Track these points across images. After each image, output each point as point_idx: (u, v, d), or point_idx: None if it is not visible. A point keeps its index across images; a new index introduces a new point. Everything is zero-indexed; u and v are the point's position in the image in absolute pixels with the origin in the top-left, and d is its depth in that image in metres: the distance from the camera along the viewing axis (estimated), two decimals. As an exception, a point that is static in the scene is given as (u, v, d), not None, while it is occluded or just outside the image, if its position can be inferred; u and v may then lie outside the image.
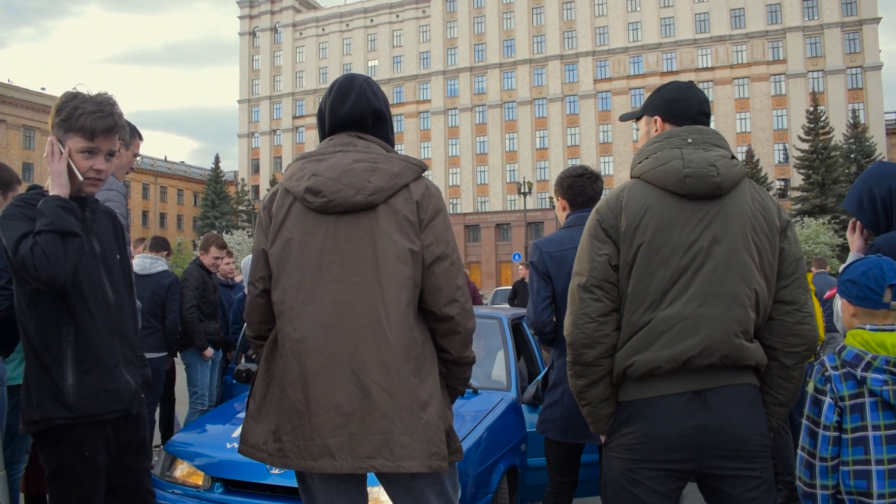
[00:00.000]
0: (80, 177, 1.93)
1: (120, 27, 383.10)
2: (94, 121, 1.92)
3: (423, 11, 63.10)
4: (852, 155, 41.91)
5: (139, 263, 4.76)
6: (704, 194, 1.71)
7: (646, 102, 1.98)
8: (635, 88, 55.13)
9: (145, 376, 2.06)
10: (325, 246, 1.72)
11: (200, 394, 5.19)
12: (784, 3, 52.64)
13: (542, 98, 58.87)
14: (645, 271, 1.71)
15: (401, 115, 62.25)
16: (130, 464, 2.01)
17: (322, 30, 67.08)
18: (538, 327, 2.80)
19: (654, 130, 1.91)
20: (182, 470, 2.94)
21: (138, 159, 3.26)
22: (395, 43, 64.55)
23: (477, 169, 60.38)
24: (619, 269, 1.74)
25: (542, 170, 56.91)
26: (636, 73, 56.37)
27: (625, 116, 2.18)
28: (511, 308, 7.06)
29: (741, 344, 1.68)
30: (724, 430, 1.66)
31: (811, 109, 42.91)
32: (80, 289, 1.90)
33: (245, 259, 5.51)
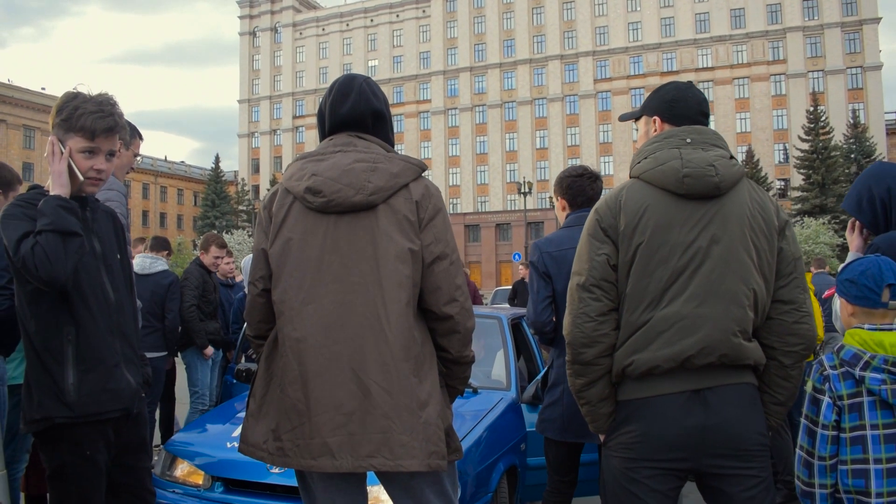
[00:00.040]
0: (81, 177, 1.94)
1: (120, 27, 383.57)
2: (95, 121, 1.92)
3: (424, 11, 63.12)
4: (852, 155, 41.91)
5: (139, 263, 4.77)
6: (703, 194, 1.72)
7: (645, 103, 1.99)
8: (635, 88, 55.14)
9: (146, 376, 2.07)
10: (325, 245, 1.73)
11: (201, 393, 5.19)
12: (784, 3, 52.66)
13: (543, 98, 58.88)
14: (644, 271, 1.71)
15: (401, 115, 62.27)
16: (131, 463, 2.02)
17: (322, 30, 67.10)
18: (538, 327, 2.80)
19: (654, 130, 1.92)
20: (182, 469, 2.95)
21: (138, 159, 3.26)
22: (396, 43, 64.57)
23: (477, 169, 60.39)
24: (618, 269, 1.75)
25: (543, 170, 56.93)
26: (636, 73, 56.38)
27: (624, 117, 2.19)
28: (511, 308, 7.06)
29: (740, 343, 1.68)
30: (723, 430, 1.67)
31: (811, 109, 42.92)
32: (81, 288, 1.90)
33: (245, 259, 5.52)
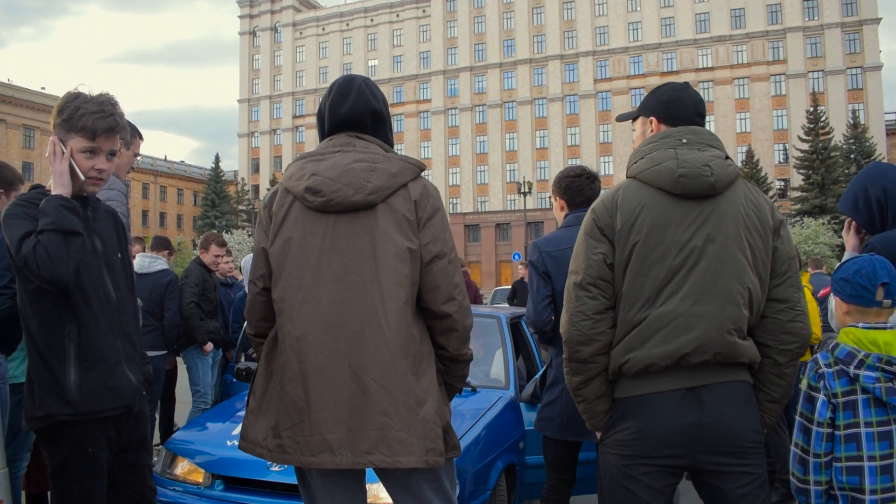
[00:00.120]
0: (82, 176, 1.96)
1: (120, 27, 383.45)
2: (96, 121, 1.94)
3: (424, 11, 63.12)
4: (852, 155, 41.92)
5: (138, 262, 4.79)
6: (699, 194, 1.73)
7: (642, 103, 2.01)
8: (635, 88, 55.13)
9: (147, 374, 2.08)
10: (325, 245, 1.74)
11: (203, 392, 5.21)
12: (784, 4, 52.65)
13: (543, 98, 58.88)
14: (640, 269, 1.73)
15: (401, 115, 62.27)
16: (132, 460, 2.03)
17: (322, 29, 67.10)
18: (538, 326, 2.82)
19: (650, 131, 1.93)
20: (183, 467, 2.96)
21: (138, 159, 3.28)
22: (396, 42, 64.57)
23: (477, 169, 60.40)
24: (615, 268, 1.76)
25: (542, 169, 56.92)
26: (636, 73, 56.38)
27: (621, 117, 2.20)
28: (510, 307, 7.08)
29: (735, 341, 1.70)
30: (718, 427, 1.68)
31: (811, 110, 42.91)
32: (83, 287, 1.92)
33: (245, 258, 5.54)
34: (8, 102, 50.02)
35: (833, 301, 1.97)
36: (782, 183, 49.87)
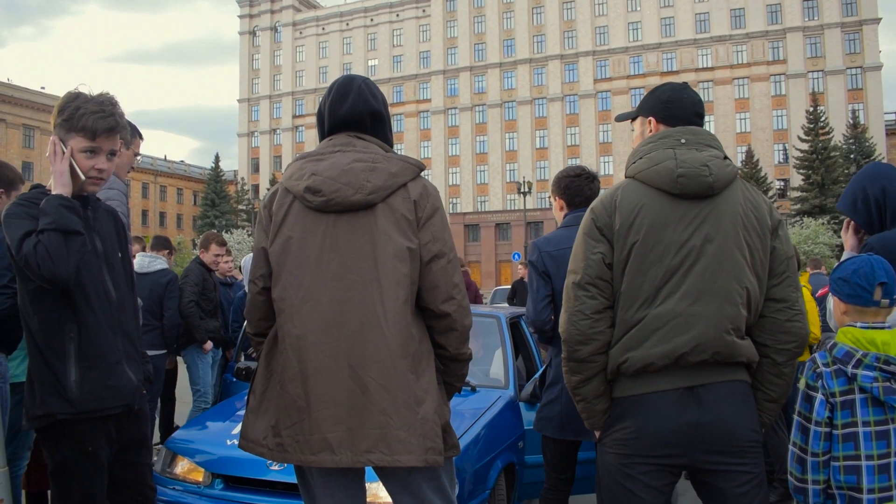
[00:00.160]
0: (82, 176, 1.96)
1: (120, 26, 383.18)
2: (96, 121, 1.94)
3: (424, 11, 63.12)
4: (852, 155, 41.93)
5: (138, 262, 4.80)
6: (697, 194, 1.74)
7: (640, 103, 2.01)
8: (635, 88, 55.14)
9: (147, 373, 2.09)
10: (325, 244, 1.75)
11: (203, 392, 5.21)
12: (784, 4, 52.66)
13: (542, 98, 58.89)
14: (638, 269, 1.73)
15: (401, 115, 62.28)
16: (132, 459, 2.04)
17: (322, 29, 67.10)
18: (538, 326, 2.82)
19: (649, 131, 1.94)
20: (182, 466, 2.97)
21: (138, 158, 3.28)
22: (395, 42, 64.57)
23: (477, 168, 60.40)
24: (613, 267, 1.77)
25: (542, 169, 56.94)
26: (636, 73, 56.39)
27: (620, 117, 2.21)
28: (510, 307, 7.08)
29: (733, 341, 1.71)
30: (716, 426, 1.69)
31: (811, 110, 42.94)
32: (83, 286, 1.93)
33: (245, 258, 5.54)
34: (7, 102, 50.02)
35: (831, 301, 1.98)
36: (782, 183, 49.88)
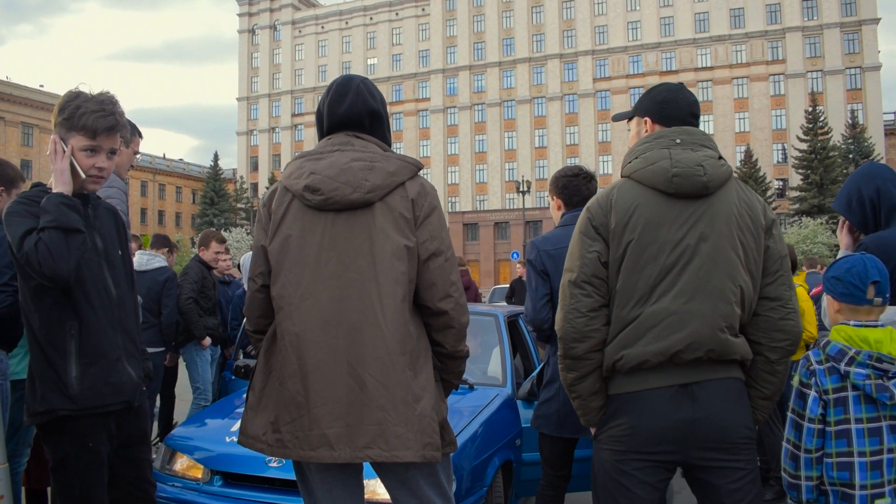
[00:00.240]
0: (83, 174, 1.98)
1: (119, 24, 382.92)
2: (96, 120, 1.96)
3: (423, 10, 63.10)
4: (850, 155, 41.96)
5: (137, 260, 4.81)
6: (692, 193, 1.76)
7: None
8: (634, 88, 55.14)
9: (147, 369, 2.11)
10: (323, 242, 1.77)
11: (203, 389, 5.22)
12: (783, 4, 52.69)
13: (542, 97, 58.91)
14: (634, 268, 1.75)
15: (400, 114, 62.27)
16: (132, 455, 2.06)
17: (321, 28, 67.06)
18: (537, 324, 2.83)
19: (645, 131, 1.96)
20: (182, 463, 2.98)
21: (138, 157, 3.30)
22: (395, 41, 64.55)
23: (476, 167, 60.42)
24: (609, 266, 1.79)
25: (541, 168, 56.97)
26: (635, 73, 56.41)
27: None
28: (508, 305, 7.09)
29: (727, 339, 1.72)
30: (710, 423, 1.71)
31: (810, 109, 43.00)
32: (83, 284, 1.94)
33: (244, 256, 5.56)
34: (6, 100, 49.95)
35: (825, 299, 2.00)
36: (781, 182, 49.94)
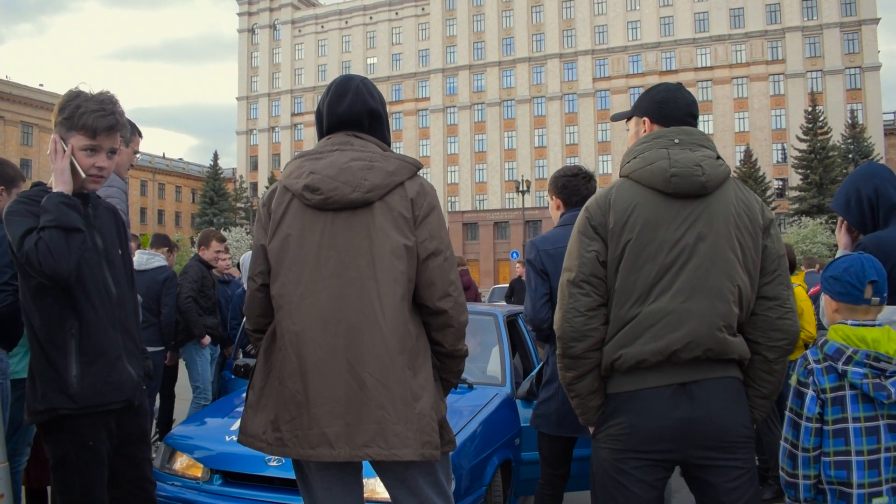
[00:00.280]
0: (83, 174, 1.98)
1: (119, 23, 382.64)
2: (96, 119, 1.96)
3: (423, 9, 63.08)
4: (850, 155, 41.98)
5: (136, 259, 4.81)
6: (690, 193, 1.76)
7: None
8: (634, 87, 55.14)
9: (147, 368, 2.11)
10: (323, 241, 1.77)
11: (203, 388, 5.22)
12: (783, 3, 52.69)
13: (541, 96, 58.90)
14: (632, 267, 1.76)
15: (399, 113, 62.26)
16: (132, 453, 2.06)
17: (321, 27, 67.03)
18: (536, 324, 2.84)
19: (643, 131, 1.96)
20: (181, 462, 2.99)
21: (137, 156, 3.30)
22: (395, 41, 64.52)
23: (475, 167, 60.42)
24: (608, 265, 1.79)
25: (541, 168, 56.96)
26: (635, 72, 56.41)
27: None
28: (507, 305, 7.10)
29: (725, 338, 1.73)
30: (708, 422, 1.71)
31: (810, 109, 43.02)
32: (84, 283, 1.95)
33: (244, 255, 5.56)
34: (6, 99, 49.92)
35: (823, 299, 2.00)
36: (780, 182, 49.95)
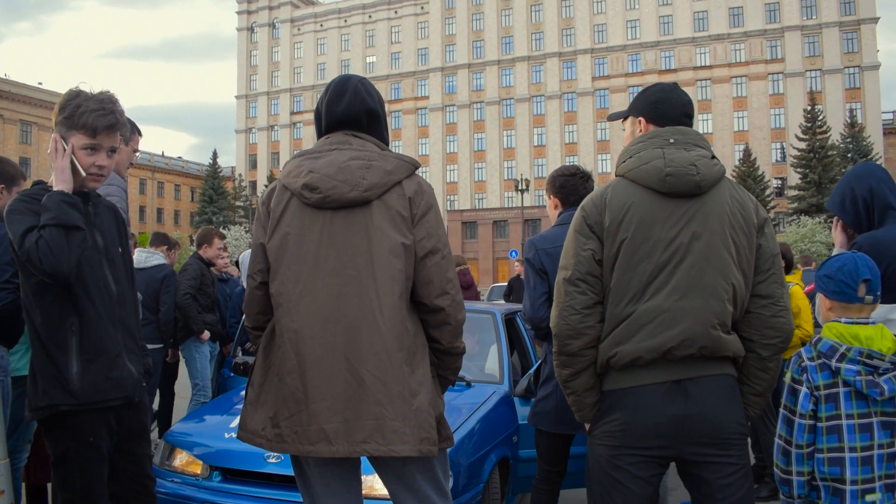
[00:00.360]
0: (83, 172, 2.00)
1: (118, 22, 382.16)
2: (96, 118, 1.98)
3: (422, 8, 63.05)
4: (849, 154, 42.02)
5: (135, 258, 4.82)
6: (685, 192, 1.78)
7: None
8: (633, 86, 55.09)
9: (146, 365, 2.13)
10: (322, 240, 1.79)
11: (202, 385, 5.23)
12: (782, 2, 52.70)
13: (541, 95, 58.90)
14: (627, 265, 1.77)
15: (399, 112, 62.25)
16: (132, 449, 2.08)
17: (320, 26, 66.97)
18: (535, 323, 2.85)
19: (639, 131, 1.98)
20: (181, 459, 3.00)
21: (137, 155, 3.32)
22: (394, 39, 64.48)
23: (475, 166, 60.42)
24: (603, 264, 1.81)
25: (540, 167, 56.96)
26: (634, 71, 56.42)
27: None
28: (505, 303, 7.12)
29: (719, 336, 1.75)
30: (703, 419, 1.73)
31: (809, 108, 43.06)
32: (84, 281, 1.96)
33: (243, 254, 5.57)
34: (5, 98, 49.86)
35: (818, 297, 2.02)
36: (779, 181, 49.97)
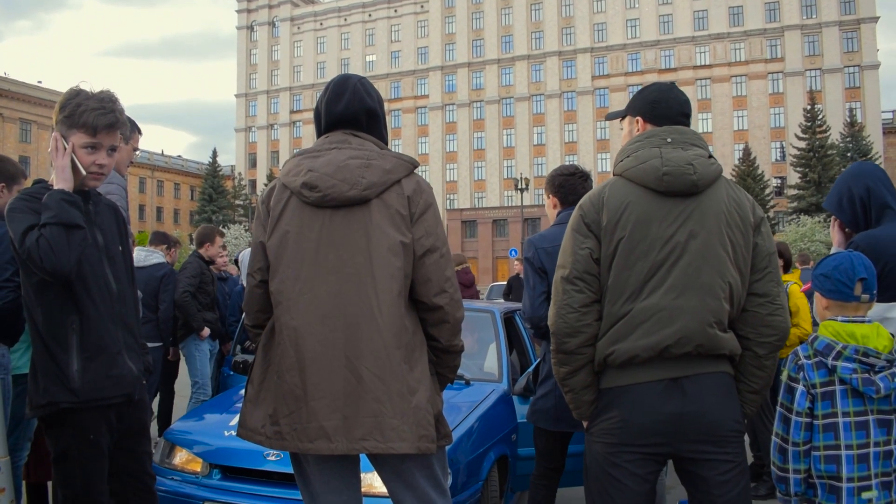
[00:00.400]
0: (84, 171, 2.01)
1: (117, 20, 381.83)
2: (97, 117, 1.99)
3: (422, 7, 63.02)
4: (849, 153, 42.03)
5: (135, 256, 4.83)
6: (682, 191, 1.79)
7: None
8: (633, 85, 55.06)
9: (147, 363, 2.14)
10: (321, 238, 1.80)
11: (202, 384, 5.23)
12: (782, 2, 52.70)
13: (540, 94, 58.90)
14: (625, 264, 1.78)
15: (398, 111, 62.25)
16: (132, 447, 2.09)
17: (320, 24, 66.95)
18: (535, 322, 2.86)
19: (636, 130, 1.99)
20: (181, 457, 3.01)
21: (136, 153, 3.33)
22: (394, 38, 64.46)
23: (474, 165, 60.43)
24: (601, 262, 1.82)
25: (540, 166, 56.97)
26: (634, 70, 56.43)
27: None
28: (504, 302, 7.13)
29: (715, 334, 1.76)
30: (700, 416, 1.74)
31: (808, 108, 43.08)
32: (84, 279, 1.97)
33: (243, 252, 5.58)
34: (4, 96, 49.82)
35: (815, 296, 2.03)
36: (779, 180, 49.98)
